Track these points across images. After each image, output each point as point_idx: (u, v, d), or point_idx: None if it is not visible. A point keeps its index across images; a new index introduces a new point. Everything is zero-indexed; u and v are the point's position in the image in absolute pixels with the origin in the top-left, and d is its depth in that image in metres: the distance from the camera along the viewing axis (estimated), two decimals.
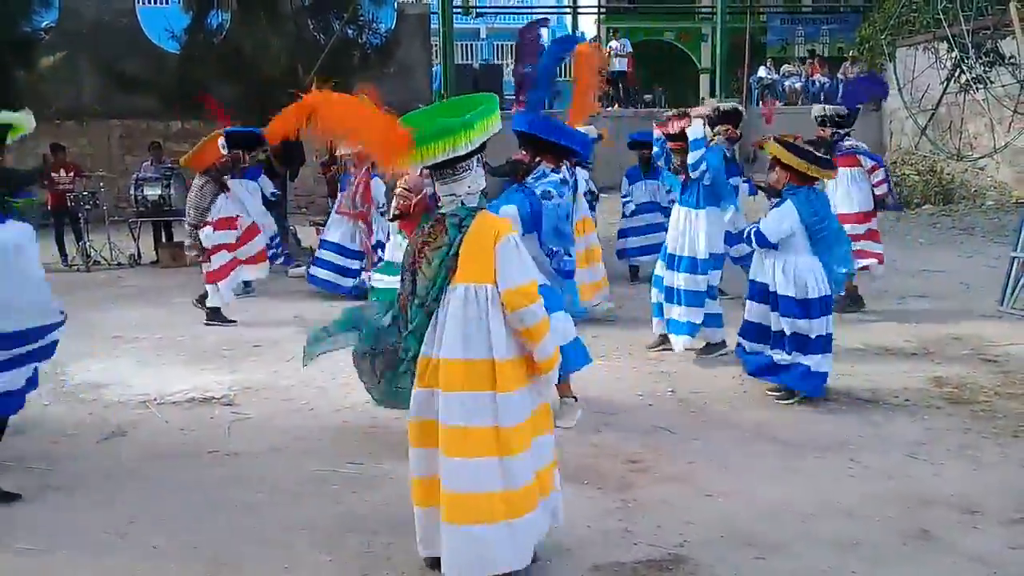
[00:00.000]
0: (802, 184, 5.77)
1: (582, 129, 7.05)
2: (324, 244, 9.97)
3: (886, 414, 5.64)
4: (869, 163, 8.23)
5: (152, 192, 12.43)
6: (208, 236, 8.32)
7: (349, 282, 9.66)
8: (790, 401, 5.86)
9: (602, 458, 4.97)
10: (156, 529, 4.17)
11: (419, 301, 3.51)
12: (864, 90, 9.26)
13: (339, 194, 10.20)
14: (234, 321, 8.52)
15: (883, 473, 4.72)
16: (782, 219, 5.72)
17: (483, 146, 3.44)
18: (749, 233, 5.91)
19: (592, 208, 8.68)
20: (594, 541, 3.95)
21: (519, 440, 3.41)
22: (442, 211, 3.51)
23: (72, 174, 12.58)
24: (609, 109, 20.66)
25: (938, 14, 15.47)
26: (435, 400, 3.45)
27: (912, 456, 4.95)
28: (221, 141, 8.62)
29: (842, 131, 8.16)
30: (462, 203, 3.47)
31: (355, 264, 9.68)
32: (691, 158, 6.66)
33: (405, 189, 4.34)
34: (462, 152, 3.35)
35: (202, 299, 8.63)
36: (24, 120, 4.63)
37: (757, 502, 4.38)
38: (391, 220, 5.07)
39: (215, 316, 8.50)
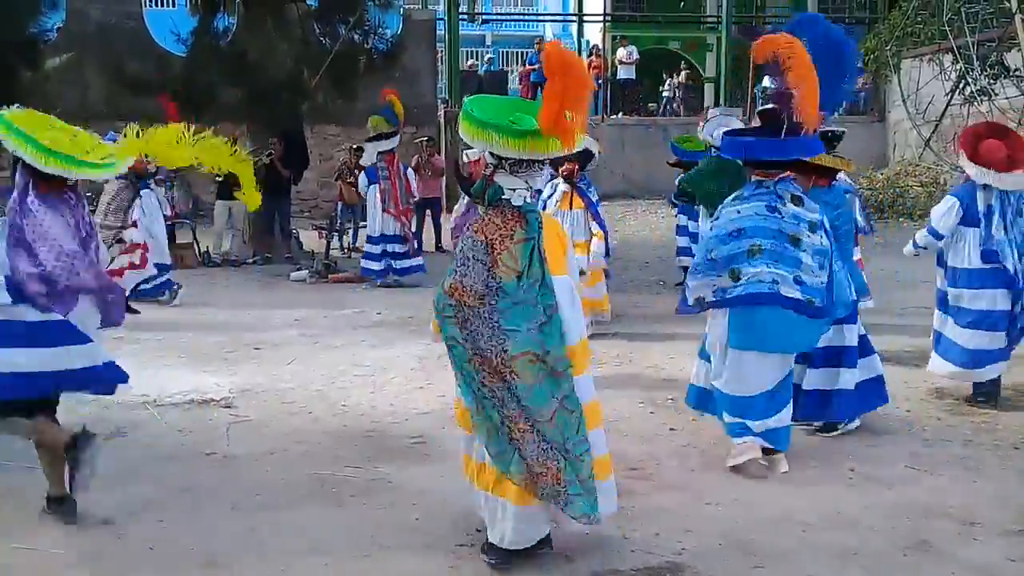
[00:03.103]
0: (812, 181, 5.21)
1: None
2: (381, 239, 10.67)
3: (886, 425, 5.62)
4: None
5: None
6: (131, 235, 8.66)
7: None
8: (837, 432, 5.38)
9: None
10: (153, 530, 4.16)
11: (502, 295, 3.49)
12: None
13: (370, 191, 10.75)
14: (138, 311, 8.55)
15: (883, 484, 4.71)
16: None
17: None
18: None
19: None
20: (592, 548, 3.93)
21: None
22: (514, 204, 3.56)
23: None
24: (614, 117, 20.71)
25: (944, 26, 15.51)
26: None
27: (912, 467, 4.93)
28: None
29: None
30: (526, 199, 3.57)
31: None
32: None
33: None
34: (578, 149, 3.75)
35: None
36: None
37: (756, 511, 4.37)
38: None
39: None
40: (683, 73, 23.16)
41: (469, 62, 23.97)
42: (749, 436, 4.78)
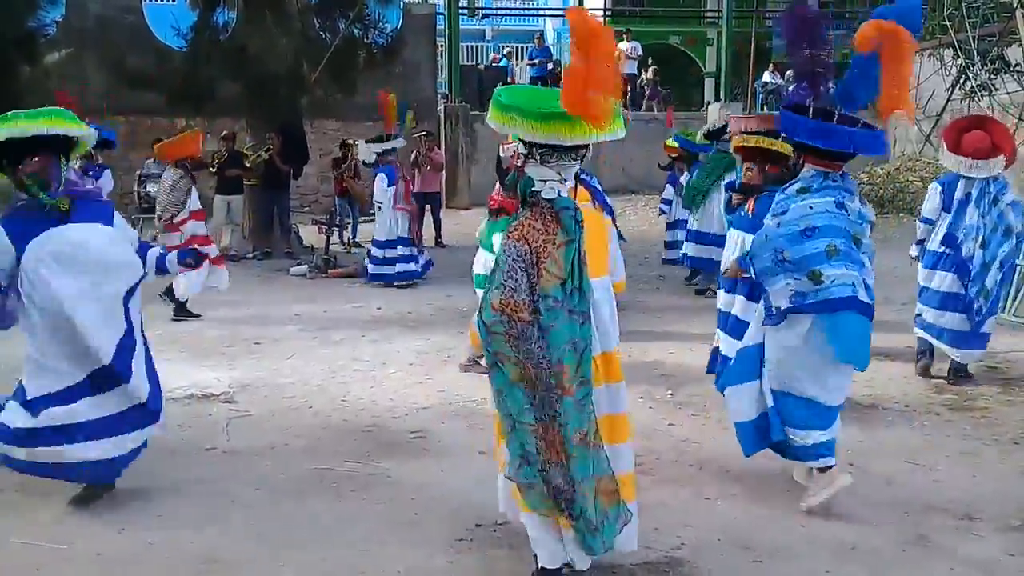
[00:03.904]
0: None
1: None
2: (395, 242, 10.45)
3: (886, 420, 5.63)
4: None
5: (155, 188, 12.46)
6: (190, 229, 8.34)
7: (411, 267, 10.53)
8: None
9: None
10: (152, 526, 4.17)
11: (549, 304, 3.24)
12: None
13: (386, 190, 10.44)
14: (199, 315, 8.65)
15: (882, 479, 4.71)
16: None
17: None
18: None
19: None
20: None
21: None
22: (547, 197, 3.31)
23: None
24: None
25: (944, 21, 15.47)
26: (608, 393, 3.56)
27: (911, 462, 4.94)
28: (199, 138, 8.84)
29: None
30: (559, 193, 3.34)
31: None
32: None
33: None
34: (615, 137, 3.29)
35: (170, 292, 8.48)
36: (89, 136, 4.29)
37: (756, 506, 4.37)
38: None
39: (182, 311, 8.59)
40: (651, 69, 23.01)
41: (492, 55, 24.00)
42: (831, 458, 4.36)
